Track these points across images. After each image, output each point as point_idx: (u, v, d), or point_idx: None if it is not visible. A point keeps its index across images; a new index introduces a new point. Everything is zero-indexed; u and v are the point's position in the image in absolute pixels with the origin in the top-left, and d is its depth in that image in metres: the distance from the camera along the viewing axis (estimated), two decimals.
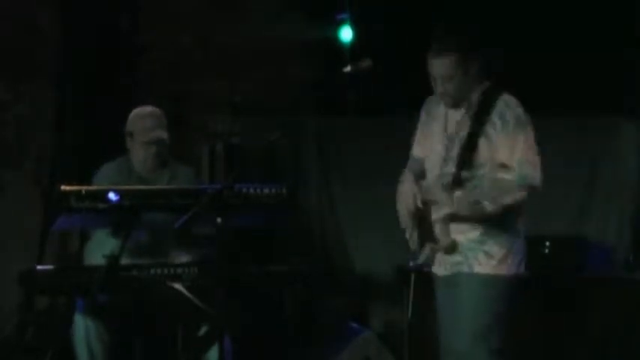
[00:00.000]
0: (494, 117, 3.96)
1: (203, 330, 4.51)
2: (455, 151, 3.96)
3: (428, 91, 4.08)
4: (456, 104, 4.01)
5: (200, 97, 6.59)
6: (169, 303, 4.37)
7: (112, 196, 4.18)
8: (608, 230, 6.16)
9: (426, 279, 4.17)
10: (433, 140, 4.07)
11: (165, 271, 4.38)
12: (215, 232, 3.88)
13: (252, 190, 4.33)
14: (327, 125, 6.48)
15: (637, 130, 6.26)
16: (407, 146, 4.24)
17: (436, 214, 3.94)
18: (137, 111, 4.90)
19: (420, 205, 3.97)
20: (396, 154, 4.37)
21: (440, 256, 4.03)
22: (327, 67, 6.36)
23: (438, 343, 4.10)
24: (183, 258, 4.63)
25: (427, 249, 4.03)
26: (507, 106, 3.98)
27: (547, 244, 5.79)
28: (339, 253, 6.55)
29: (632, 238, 6.06)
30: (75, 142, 6.23)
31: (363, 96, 6.39)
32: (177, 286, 4.30)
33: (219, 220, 3.79)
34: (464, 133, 3.97)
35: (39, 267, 4.44)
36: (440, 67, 3.94)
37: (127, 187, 4.48)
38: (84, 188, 4.26)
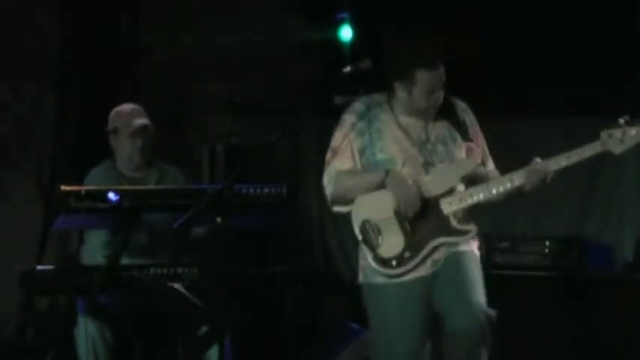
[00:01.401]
0: (462, 114, 4.01)
1: (203, 330, 4.51)
2: (439, 154, 3.91)
3: None
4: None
5: (200, 97, 6.59)
6: (169, 303, 4.37)
7: (111, 196, 4.18)
8: (608, 230, 6.16)
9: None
10: (393, 146, 3.93)
11: (165, 271, 4.38)
12: (214, 233, 3.88)
13: (252, 190, 4.33)
14: (327, 125, 6.47)
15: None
16: None
17: (456, 205, 3.84)
18: (117, 108, 4.90)
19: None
20: None
21: (420, 258, 3.86)
22: (327, 67, 6.36)
23: (437, 343, 4.07)
24: None
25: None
26: (464, 105, 4.04)
27: (547, 244, 5.80)
28: (339, 253, 6.55)
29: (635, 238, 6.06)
30: (75, 142, 6.23)
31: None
32: (177, 286, 4.30)
33: (219, 220, 3.79)
34: (441, 135, 3.94)
35: (39, 267, 4.44)
36: (442, 76, 3.87)
37: (126, 187, 4.49)
38: (84, 188, 4.27)
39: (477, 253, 3.96)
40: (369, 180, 3.93)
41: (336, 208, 4.08)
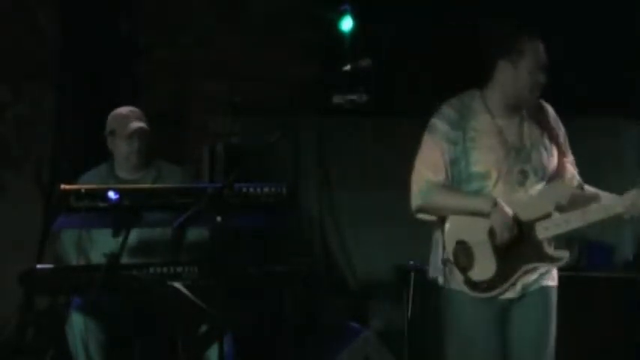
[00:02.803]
0: (552, 121, 3.93)
1: (203, 330, 4.51)
2: (534, 163, 3.81)
3: (426, 89, 4.04)
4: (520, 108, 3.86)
5: (200, 97, 6.59)
6: (169, 302, 4.36)
7: (111, 195, 4.18)
8: (608, 230, 6.16)
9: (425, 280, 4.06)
10: (488, 157, 3.80)
11: (165, 270, 4.38)
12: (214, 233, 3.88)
13: (252, 190, 4.33)
14: (327, 125, 6.49)
15: (637, 131, 6.27)
16: (407, 146, 4.05)
17: (552, 231, 3.77)
18: (115, 111, 4.93)
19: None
20: (396, 154, 4.35)
21: (510, 283, 3.80)
22: (327, 66, 6.36)
23: (437, 343, 4.07)
24: None
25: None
26: (555, 114, 3.97)
27: None
28: (339, 253, 6.55)
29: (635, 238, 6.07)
30: (75, 142, 6.23)
31: (363, 95, 6.39)
32: (178, 285, 4.30)
33: (219, 219, 3.79)
34: (536, 143, 3.84)
35: (39, 267, 4.43)
36: (545, 52, 3.80)
37: (126, 186, 4.49)
38: (84, 187, 4.26)
39: (557, 282, 3.95)
40: (471, 206, 3.78)
41: (421, 216, 3.92)
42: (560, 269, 5.72)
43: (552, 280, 3.93)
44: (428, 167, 3.86)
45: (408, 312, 5.69)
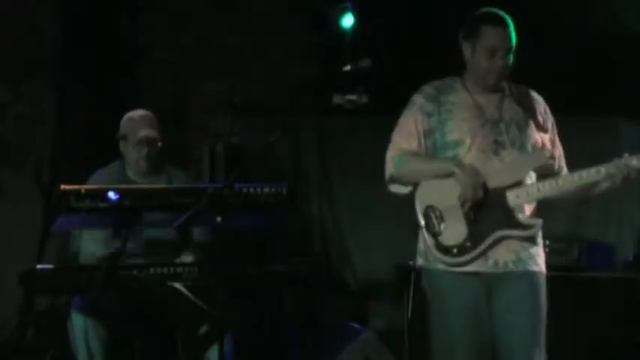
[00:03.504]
0: (540, 107, 3.97)
1: (203, 330, 4.51)
2: (512, 135, 3.84)
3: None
4: (496, 86, 3.90)
5: (200, 97, 6.59)
6: (169, 303, 4.37)
7: (111, 195, 4.18)
8: (608, 230, 6.16)
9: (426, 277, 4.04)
10: (462, 126, 3.85)
11: (166, 270, 4.38)
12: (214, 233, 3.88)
13: (252, 190, 4.33)
14: (327, 125, 6.49)
15: (637, 131, 6.26)
16: None
17: (523, 199, 3.78)
18: (129, 114, 4.94)
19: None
20: None
21: (481, 250, 3.80)
22: (327, 66, 6.36)
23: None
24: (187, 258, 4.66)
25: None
26: (541, 99, 4.00)
27: (547, 243, 5.79)
28: (339, 253, 6.55)
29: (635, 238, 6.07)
30: (75, 142, 6.23)
31: (363, 95, 6.38)
32: (178, 285, 4.30)
33: (219, 219, 3.79)
34: (516, 118, 3.87)
35: (39, 267, 4.44)
36: (509, 37, 3.83)
37: (126, 186, 4.49)
38: (84, 188, 4.27)
39: (544, 271, 3.91)
40: (437, 169, 3.86)
41: (393, 189, 4.02)
42: (560, 269, 5.75)
43: (537, 265, 3.89)
44: (402, 136, 3.98)
45: (408, 312, 5.69)
